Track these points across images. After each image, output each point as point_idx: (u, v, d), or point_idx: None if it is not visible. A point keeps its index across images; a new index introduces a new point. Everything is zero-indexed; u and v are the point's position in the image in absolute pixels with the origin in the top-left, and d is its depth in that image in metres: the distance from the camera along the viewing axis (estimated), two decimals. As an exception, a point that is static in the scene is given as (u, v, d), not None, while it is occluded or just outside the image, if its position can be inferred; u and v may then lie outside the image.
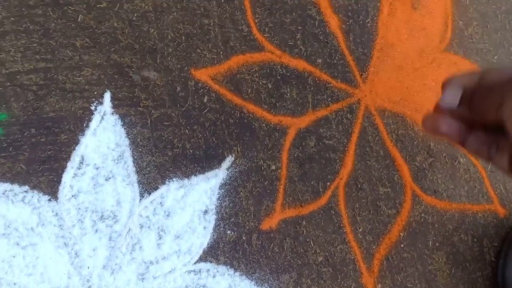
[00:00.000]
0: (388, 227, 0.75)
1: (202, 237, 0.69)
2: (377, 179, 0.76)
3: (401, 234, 0.75)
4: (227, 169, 0.71)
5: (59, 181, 0.66)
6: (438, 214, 0.77)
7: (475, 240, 0.78)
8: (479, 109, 0.43)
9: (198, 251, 0.69)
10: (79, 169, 0.66)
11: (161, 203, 0.69)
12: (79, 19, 0.69)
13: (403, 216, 0.76)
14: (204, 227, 0.70)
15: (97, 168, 0.67)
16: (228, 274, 0.69)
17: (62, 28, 0.68)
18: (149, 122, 0.69)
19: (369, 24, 0.79)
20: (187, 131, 0.70)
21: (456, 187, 0.79)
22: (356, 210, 0.74)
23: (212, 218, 0.70)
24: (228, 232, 0.70)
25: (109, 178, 0.67)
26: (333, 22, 0.77)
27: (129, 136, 0.68)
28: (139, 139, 0.68)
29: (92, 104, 0.68)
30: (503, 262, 0.78)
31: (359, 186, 0.75)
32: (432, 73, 0.80)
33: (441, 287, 0.76)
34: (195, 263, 0.69)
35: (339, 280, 0.72)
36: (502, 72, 0.43)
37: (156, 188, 0.69)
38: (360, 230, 0.74)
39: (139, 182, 0.68)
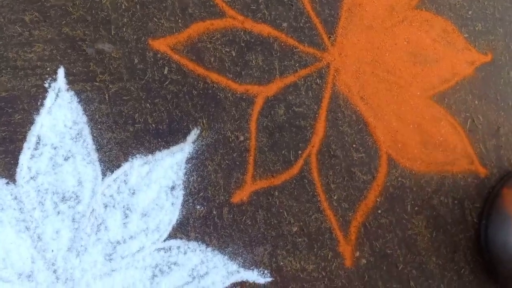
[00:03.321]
0: (364, 193, 0.73)
1: (170, 214, 0.67)
2: (350, 144, 0.73)
3: (378, 199, 0.73)
4: (193, 142, 0.69)
5: (16, 163, 0.63)
6: (416, 177, 0.75)
7: (456, 202, 0.76)
8: None
9: (167, 228, 0.67)
10: (36, 149, 0.64)
11: (125, 181, 0.66)
12: (26, -7, 0.65)
13: (379, 181, 0.73)
14: (172, 203, 0.67)
15: (54, 148, 0.64)
16: (200, 250, 0.67)
17: (10, 3, 0.65)
18: (107, 97, 0.66)
19: (335, -16, 0.75)
20: (148, 105, 0.67)
21: (434, 148, 0.76)
22: (330, 178, 0.72)
23: (180, 193, 0.68)
24: (198, 207, 0.68)
25: (68, 157, 0.64)
26: (297, -17, 0.73)
27: (86, 113, 0.65)
28: (97, 116, 0.66)
29: (45, 81, 0.65)
30: (486, 223, 0.76)
31: (332, 153, 0.72)
32: (404, 31, 0.76)
33: (422, 251, 0.74)
34: (164, 240, 0.66)
35: (315, 249, 0.70)
36: None
37: (118, 166, 0.66)
38: (335, 197, 0.72)
39: (101, 160, 0.65)
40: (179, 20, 0.69)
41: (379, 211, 0.73)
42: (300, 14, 0.74)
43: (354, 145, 0.73)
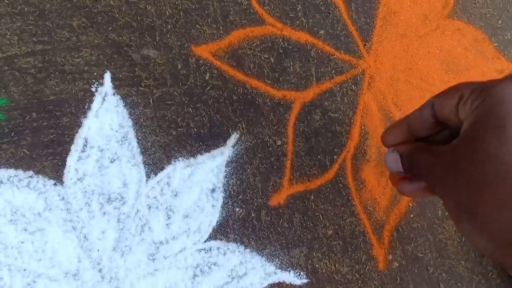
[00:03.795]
0: (397, 198, 0.74)
1: (211, 216, 0.69)
2: (384, 150, 0.75)
3: (410, 204, 0.75)
4: (233, 146, 0.70)
5: (63, 165, 0.65)
6: (447, 183, 0.76)
7: (485, 207, 0.78)
8: (440, 113, 0.43)
9: (207, 230, 0.69)
10: (83, 152, 0.66)
11: (168, 183, 0.68)
12: (74, -1, 0.67)
13: (411, 186, 0.75)
14: (213, 206, 0.69)
15: (101, 150, 0.66)
16: (239, 251, 0.69)
17: (58, 9, 0.66)
18: (151, 101, 0.68)
19: (370, -7, 0.77)
20: (190, 109, 0.69)
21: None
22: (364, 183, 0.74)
23: (220, 196, 0.69)
24: (237, 209, 0.69)
25: (114, 160, 0.66)
26: (334, -8, 0.75)
27: (132, 117, 0.67)
28: (142, 119, 0.67)
29: (92, 86, 0.66)
30: (513, 228, 0.78)
31: (366, 158, 0.74)
32: (437, 40, 0.78)
33: (452, 255, 0.76)
34: (205, 241, 0.68)
35: (349, 252, 0.72)
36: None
37: (162, 168, 0.68)
38: (369, 202, 0.73)
39: (145, 163, 0.67)
40: (221, 27, 0.71)
41: (411, 216, 0.75)
42: (336, 22, 0.75)
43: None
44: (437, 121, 0.44)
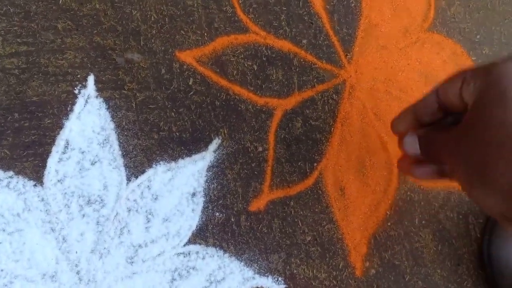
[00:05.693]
0: (375, 206, 0.76)
1: (190, 220, 0.69)
2: (365, 158, 0.76)
3: (387, 212, 0.76)
4: (214, 151, 0.71)
5: (44, 166, 0.65)
6: (424, 192, 0.78)
7: (461, 217, 0.80)
8: (445, 102, 0.51)
9: (187, 234, 0.69)
10: (64, 153, 0.66)
11: (148, 186, 0.68)
12: (60, 2, 0.67)
13: (389, 195, 0.76)
14: (193, 210, 0.70)
15: (82, 152, 0.66)
16: (218, 256, 0.69)
17: (44, 11, 0.67)
18: (134, 105, 0.68)
19: (353, 4, 0.79)
20: (173, 114, 0.70)
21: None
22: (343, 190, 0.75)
23: (200, 200, 0.70)
24: (217, 214, 0.70)
25: (95, 162, 0.67)
26: (318, 3, 0.77)
27: (114, 120, 0.68)
28: (124, 123, 0.68)
29: (75, 88, 0.67)
30: (488, 238, 0.79)
31: (346, 166, 0.75)
32: (416, 52, 0.80)
33: (428, 263, 0.77)
34: (184, 245, 0.69)
35: (327, 259, 0.73)
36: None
37: (143, 172, 0.68)
38: (347, 209, 0.75)
39: (126, 166, 0.68)
40: (205, 34, 0.72)
41: (389, 224, 0.76)
42: (319, 32, 0.77)
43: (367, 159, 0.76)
44: (440, 107, 0.51)
